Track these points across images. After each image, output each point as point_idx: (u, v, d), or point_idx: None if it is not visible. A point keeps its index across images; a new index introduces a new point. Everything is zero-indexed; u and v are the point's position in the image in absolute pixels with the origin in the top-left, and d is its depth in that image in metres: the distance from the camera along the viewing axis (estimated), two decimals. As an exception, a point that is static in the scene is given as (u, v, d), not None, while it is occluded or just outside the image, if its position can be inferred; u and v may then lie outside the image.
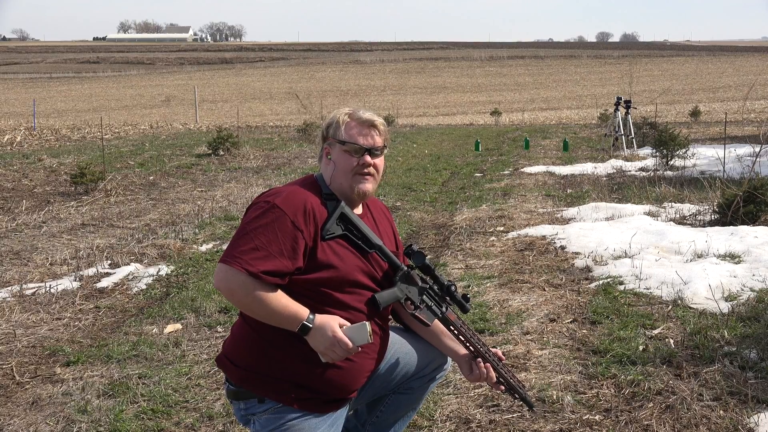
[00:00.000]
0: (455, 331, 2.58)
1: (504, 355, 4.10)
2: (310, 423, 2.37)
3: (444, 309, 2.56)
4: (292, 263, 2.31)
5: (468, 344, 2.59)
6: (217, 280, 2.31)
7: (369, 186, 2.52)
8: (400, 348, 2.66)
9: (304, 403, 2.38)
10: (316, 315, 2.32)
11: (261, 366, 2.38)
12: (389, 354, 2.61)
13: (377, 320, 2.51)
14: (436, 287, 2.58)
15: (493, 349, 2.66)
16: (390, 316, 2.69)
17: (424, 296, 2.54)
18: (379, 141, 2.54)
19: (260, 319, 2.33)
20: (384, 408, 2.75)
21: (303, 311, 2.31)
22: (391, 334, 2.65)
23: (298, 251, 2.32)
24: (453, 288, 2.59)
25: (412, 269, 2.55)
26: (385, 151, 2.59)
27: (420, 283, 2.55)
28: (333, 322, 2.32)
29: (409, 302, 2.53)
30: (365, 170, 2.50)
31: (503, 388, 2.66)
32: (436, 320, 2.57)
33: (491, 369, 2.60)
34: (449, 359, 2.77)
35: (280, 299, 2.30)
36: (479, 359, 2.59)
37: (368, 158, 2.50)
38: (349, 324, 2.34)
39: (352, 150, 2.49)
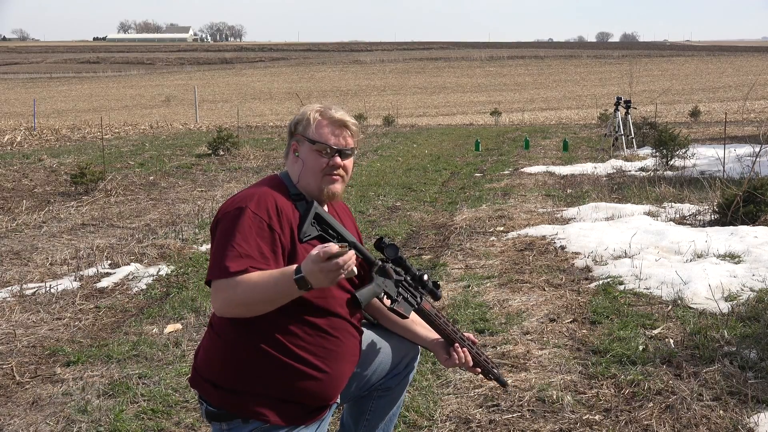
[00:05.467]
0: (430, 321, 2.57)
1: (504, 355, 4.13)
2: None
3: (419, 299, 2.55)
4: (276, 267, 2.24)
5: (444, 332, 2.59)
6: (217, 304, 2.22)
7: (338, 186, 2.44)
8: (373, 346, 2.63)
9: (290, 417, 2.32)
10: (297, 266, 2.15)
11: (242, 386, 2.30)
12: (363, 353, 2.59)
13: (353, 322, 2.48)
14: (408, 278, 2.54)
15: (467, 334, 2.67)
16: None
17: (400, 288, 2.51)
18: (350, 142, 2.45)
19: (267, 308, 2.21)
20: (369, 416, 2.73)
21: (288, 271, 2.16)
22: (364, 331, 2.62)
23: (279, 255, 2.26)
24: (425, 277, 2.55)
25: (385, 262, 2.50)
26: (356, 152, 2.50)
27: (395, 276, 2.51)
28: (310, 257, 2.11)
29: (386, 296, 2.49)
30: (335, 171, 2.42)
31: (479, 370, 2.68)
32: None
33: (468, 353, 2.61)
34: (419, 347, 2.76)
35: (266, 278, 2.17)
36: (456, 345, 2.60)
37: (338, 160, 2.42)
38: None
39: (322, 150, 2.40)
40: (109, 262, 6.48)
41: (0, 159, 14.20)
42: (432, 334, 2.64)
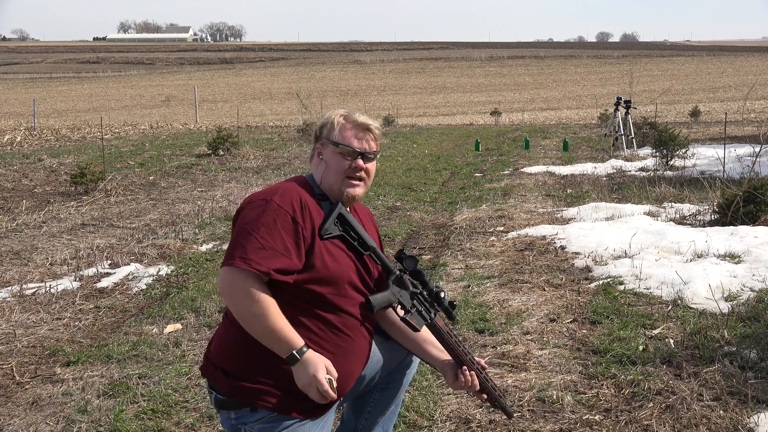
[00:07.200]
0: (442, 339, 2.54)
1: (504, 355, 4.13)
2: (302, 429, 2.35)
3: (432, 315, 2.54)
4: (299, 260, 2.29)
5: (454, 352, 2.55)
6: (224, 285, 2.25)
7: (359, 191, 2.50)
8: (379, 345, 2.64)
9: (297, 410, 2.34)
10: (309, 350, 2.27)
11: (253, 374, 2.32)
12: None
13: (366, 324, 2.49)
14: (425, 293, 2.55)
15: (477, 358, 2.63)
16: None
17: (415, 301, 2.52)
18: (373, 146, 2.53)
19: (252, 334, 2.27)
20: (371, 409, 2.74)
21: (298, 341, 2.26)
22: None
23: (301, 247, 2.31)
24: (442, 294, 2.56)
25: (404, 273, 2.53)
26: (378, 156, 2.57)
27: (411, 288, 2.53)
28: (321, 363, 2.27)
29: (400, 307, 2.50)
30: (357, 174, 2.48)
31: (485, 396, 2.63)
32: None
33: (475, 377, 2.57)
34: None
35: (279, 320, 2.24)
36: (465, 367, 2.55)
37: (361, 162, 2.48)
38: (334, 373, 2.31)
39: (346, 152, 2.47)
40: (109, 262, 6.49)
41: (0, 159, 14.20)
42: (442, 354, 2.60)
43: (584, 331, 4.49)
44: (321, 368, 2.26)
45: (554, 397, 3.57)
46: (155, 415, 3.53)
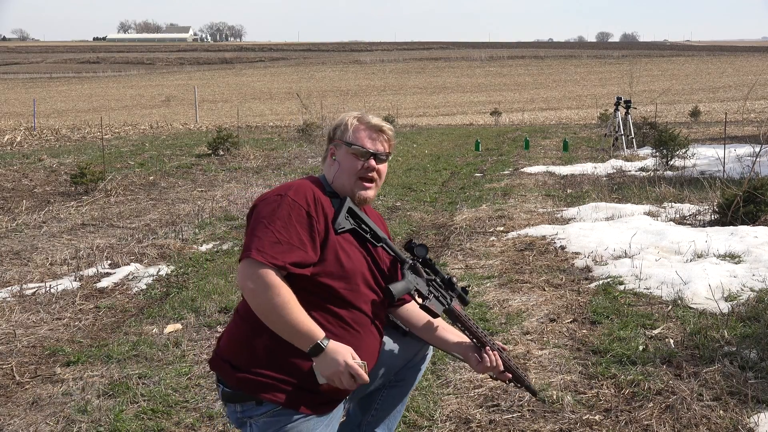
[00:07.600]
0: (461, 322, 2.58)
1: (504, 355, 4.13)
2: (308, 425, 2.35)
3: (449, 300, 2.59)
4: (314, 253, 2.33)
5: (473, 335, 2.60)
6: (242, 278, 2.26)
7: (370, 193, 2.56)
8: (388, 343, 2.66)
9: (303, 404, 2.35)
10: (330, 340, 2.29)
11: (260, 368, 2.34)
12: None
13: (376, 323, 2.51)
14: (438, 279, 2.61)
15: (497, 341, 2.69)
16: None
17: (431, 287, 2.57)
18: (385, 147, 2.59)
19: (272, 327, 2.28)
20: (378, 405, 2.76)
21: (319, 332, 2.27)
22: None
23: (316, 240, 2.34)
24: (453, 280, 2.63)
25: (416, 261, 2.58)
26: (389, 158, 2.61)
27: (426, 276, 2.58)
28: (347, 350, 2.29)
29: (417, 294, 2.55)
30: (369, 175, 2.53)
31: (509, 376, 2.68)
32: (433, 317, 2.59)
33: (498, 357, 2.62)
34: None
35: (300, 312, 2.25)
36: (487, 348, 2.60)
37: (373, 162, 2.54)
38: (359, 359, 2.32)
39: (358, 153, 2.52)
40: (109, 262, 6.48)
41: (0, 159, 14.20)
42: (462, 340, 2.65)
43: (584, 331, 4.49)
44: (349, 354, 2.28)
45: (554, 397, 3.58)
46: (155, 415, 3.53)
